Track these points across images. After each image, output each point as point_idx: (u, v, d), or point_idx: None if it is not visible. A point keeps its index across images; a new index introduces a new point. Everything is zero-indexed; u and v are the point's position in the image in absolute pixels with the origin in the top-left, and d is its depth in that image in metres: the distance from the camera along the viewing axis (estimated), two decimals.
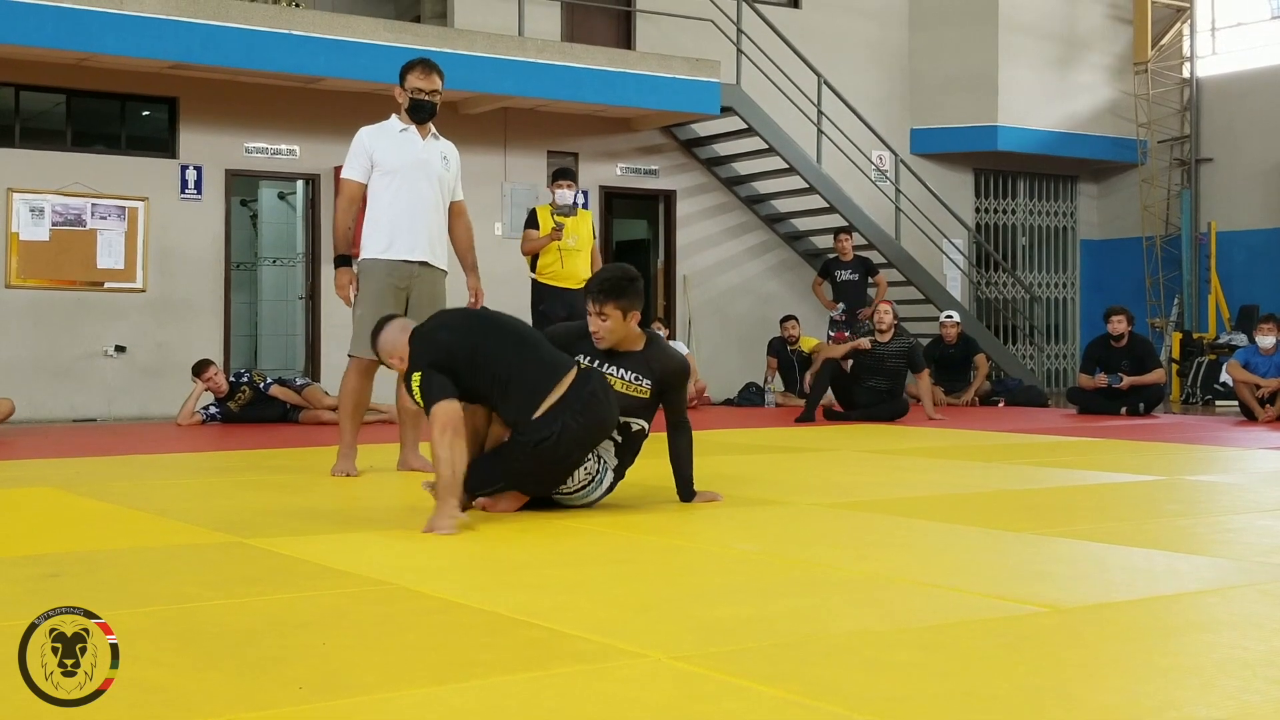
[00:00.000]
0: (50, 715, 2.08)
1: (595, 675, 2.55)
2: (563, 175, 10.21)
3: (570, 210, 10.00)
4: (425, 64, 6.37)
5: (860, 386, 10.79)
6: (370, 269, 6.35)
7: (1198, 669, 2.61)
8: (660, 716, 2.28)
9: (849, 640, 2.84)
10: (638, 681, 2.51)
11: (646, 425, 5.05)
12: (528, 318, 9.87)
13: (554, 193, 10.06)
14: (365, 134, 6.42)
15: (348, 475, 6.18)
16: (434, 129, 6.47)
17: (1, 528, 4.76)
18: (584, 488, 4.88)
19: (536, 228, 9.95)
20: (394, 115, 6.43)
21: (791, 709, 2.32)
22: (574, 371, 4.74)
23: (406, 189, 6.32)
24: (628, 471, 5.11)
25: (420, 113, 6.35)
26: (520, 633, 2.91)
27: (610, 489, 5.00)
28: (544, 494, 4.87)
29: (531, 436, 4.62)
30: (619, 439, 4.98)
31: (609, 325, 4.90)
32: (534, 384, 4.66)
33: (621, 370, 4.96)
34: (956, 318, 13.55)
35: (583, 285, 9.95)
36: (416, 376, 4.57)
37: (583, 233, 10.06)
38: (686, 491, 5.10)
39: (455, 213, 6.62)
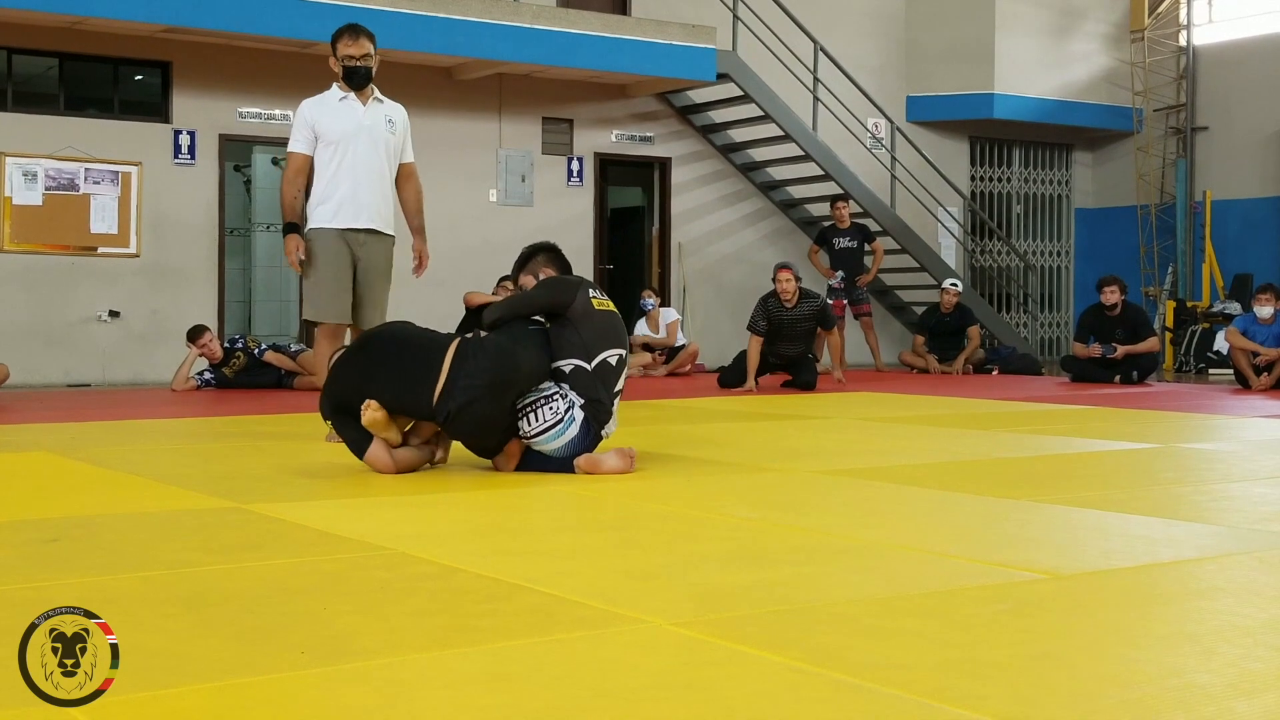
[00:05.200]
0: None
1: (597, 641, 2.55)
2: None
3: None
4: (353, 29, 6.34)
5: (771, 353, 10.76)
6: (319, 235, 6.39)
7: (1198, 636, 2.62)
8: (662, 682, 2.29)
9: (849, 607, 2.84)
10: (639, 647, 2.51)
11: (619, 353, 5.10)
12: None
13: None
14: (306, 106, 6.43)
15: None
16: (376, 92, 6.44)
17: None
18: (550, 428, 4.92)
19: None
20: (334, 84, 6.42)
21: (792, 675, 2.32)
22: (451, 350, 4.90)
23: (349, 157, 6.34)
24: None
25: (355, 79, 6.33)
26: (521, 598, 2.91)
27: (591, 434, 5.00)
28: (497, 441, 4.99)
29: (440, 412, 4.89)
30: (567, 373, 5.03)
31: None
32: (416, 379, 4.87)
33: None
34: (959, 287, 13.50)
35: None
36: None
37: None
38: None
39: (404, 174, 6.58)
